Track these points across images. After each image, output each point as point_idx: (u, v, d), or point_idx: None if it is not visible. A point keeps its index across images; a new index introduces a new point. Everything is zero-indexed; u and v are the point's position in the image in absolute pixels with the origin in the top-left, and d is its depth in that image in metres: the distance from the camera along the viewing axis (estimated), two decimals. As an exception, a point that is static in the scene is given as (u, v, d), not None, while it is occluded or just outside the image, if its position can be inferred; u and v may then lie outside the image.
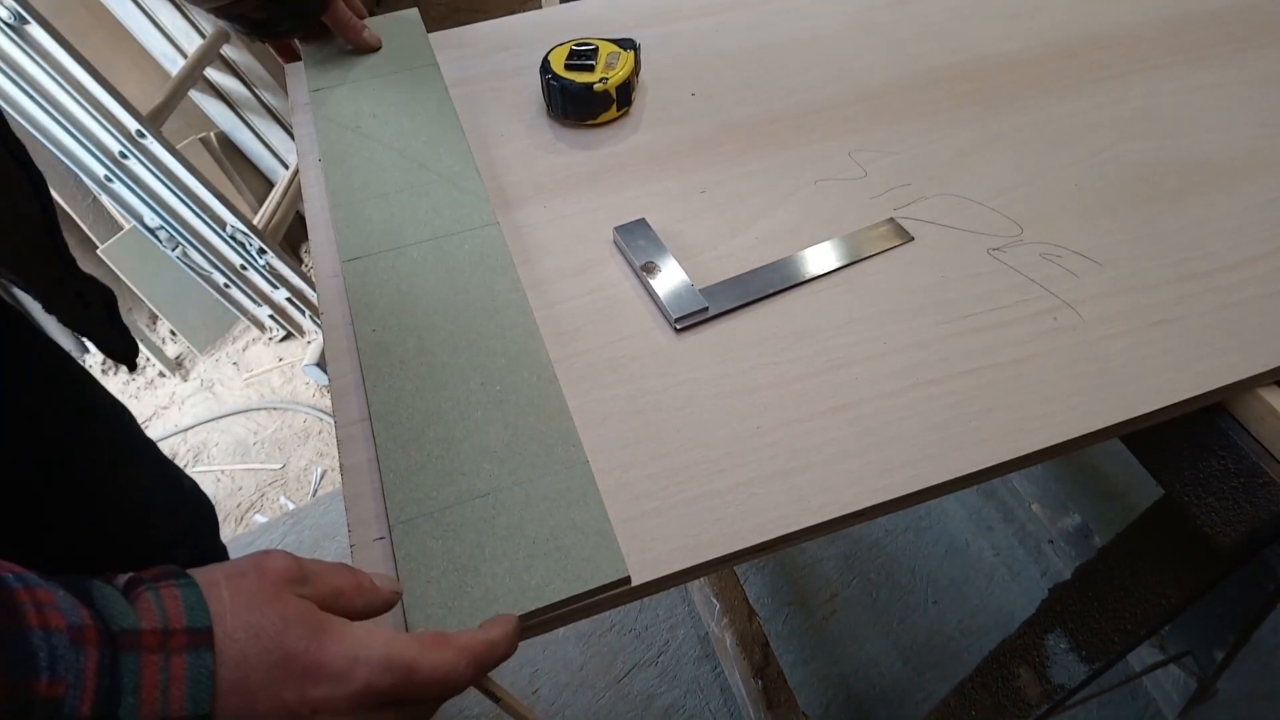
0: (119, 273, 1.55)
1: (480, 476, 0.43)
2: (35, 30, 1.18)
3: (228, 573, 0.32)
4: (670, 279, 0.53)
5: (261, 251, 1.52)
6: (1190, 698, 0.93)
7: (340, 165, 0.60)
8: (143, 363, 1.70)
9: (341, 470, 0.45)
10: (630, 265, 0.55)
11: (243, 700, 0.29)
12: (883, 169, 0.62)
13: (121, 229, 1.55)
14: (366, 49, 0.71)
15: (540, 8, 0.87)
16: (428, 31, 0.75)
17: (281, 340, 1.73)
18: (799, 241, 0.57)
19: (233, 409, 1.62)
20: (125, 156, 1.33)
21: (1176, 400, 0.47)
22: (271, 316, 1.67)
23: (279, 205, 1.60)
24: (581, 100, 0.64)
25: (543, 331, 0.51)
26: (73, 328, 0.63)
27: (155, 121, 1.34)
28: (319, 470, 1.51)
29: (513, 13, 0.80)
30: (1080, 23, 0.74)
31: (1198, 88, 0.67)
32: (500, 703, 0.38)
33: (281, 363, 1.69)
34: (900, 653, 1.18)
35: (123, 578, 0.30)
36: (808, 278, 0.54)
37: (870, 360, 0.49)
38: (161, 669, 0.28)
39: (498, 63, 0.73)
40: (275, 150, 1.74)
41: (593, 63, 0.65)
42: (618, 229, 0.57)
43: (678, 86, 0.70)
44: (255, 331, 1.73)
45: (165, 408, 1.65)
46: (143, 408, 1.65)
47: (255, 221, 1.51)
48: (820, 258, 0.55)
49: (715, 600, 1.09)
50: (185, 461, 1.55)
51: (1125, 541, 0.64)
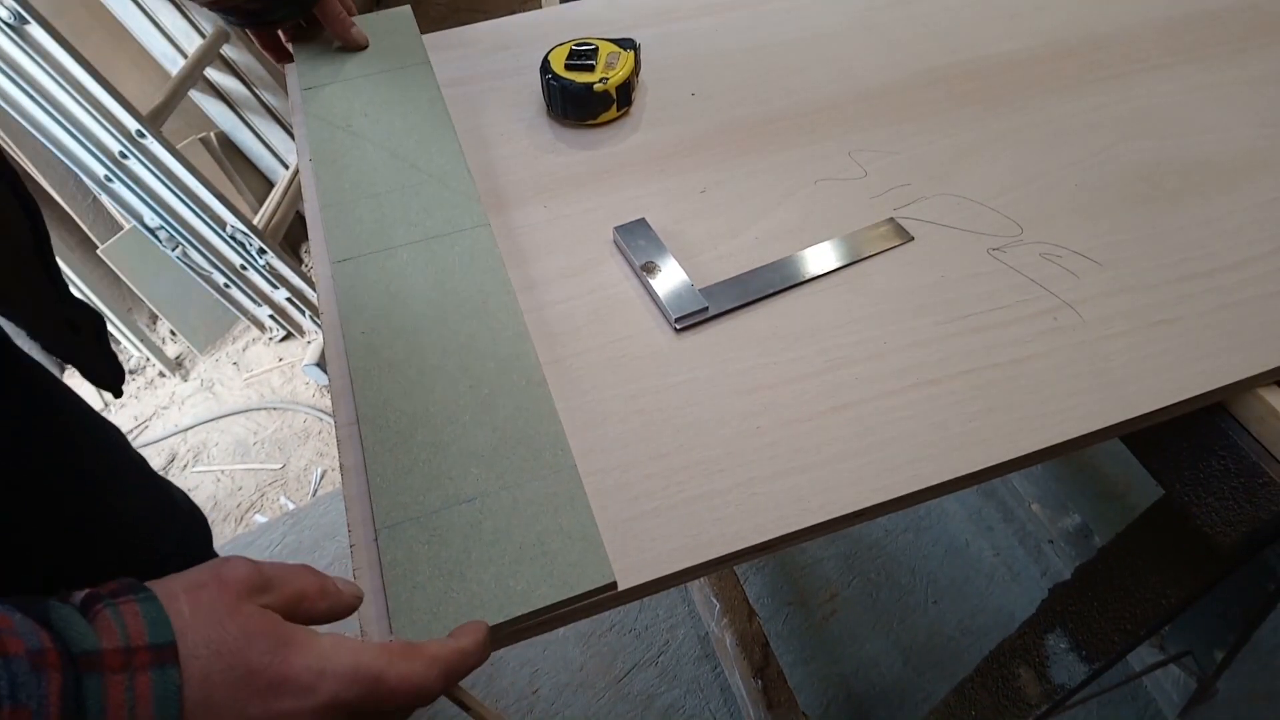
0: (119, 273, 1.55)
1: (467, 481, 0.42)
2: (35, 30, 1.19)
3: (186, 585, 0.31)
4: (670, 279, 0.53)
5: (261, 251, 1.52)
6: (1190, 698, 0.93)
7: (331, 165, 0.60)
8: (143, 363, 1.70)
9: (341, 470, 0.45)
10: (630, 265, 0.55)
11: (207, 717, 0.29)
12: (883, 169, 0.62)
13: (121, 229, 1.55)
14: (354, 46, 0.71)
15: (540, 8, 0.87)
16: (427, 31, 0.75)
17: (281, 340, 1.73)
18: (799, 241, 0.57)
19: (233, 409, 1.62)
20: (125, 156, 1.33)
21: (1176, 400, 0.47)
22: (271, 316, 1.67)
23: (279, 205, 1.60)
24: (581, 100, 0.64)
25: (542, 331, 0.52)
26: (59, 354, 0.62)
27: (155, 121, 1.34)
28: (319, 470, 1.51)
29: (513, 13, 0.80)
30: (1080, 23, 0.74)
31: (1198, 88, 0.67)
32: (470, 711, 0.38)
33: (281, 363, 1.69)
34: (900, 653, 1.17)
35: (79, 594, 0.30)
36: (808, 278, 0.54)
37: (870, 360, 0.49)
38: (127, 688, 0.27)
39: (498, 63, 0.73)
40: (275, 150, 1.74)
41: (593, 63, 0.65)
42: (618, 229, 0.57)
43: (677, 86, 0.70)
44: (255, 331, 1.73)
45: (165, 408, 1.65)
46: (143, 408, 1.65)
47: (255, 221, 1.51)
48: (820, 258, 0.55)
49: (715, 600, 1.09)
50: (185, 461, 1.55)
51: (1125, 541, 0.64)
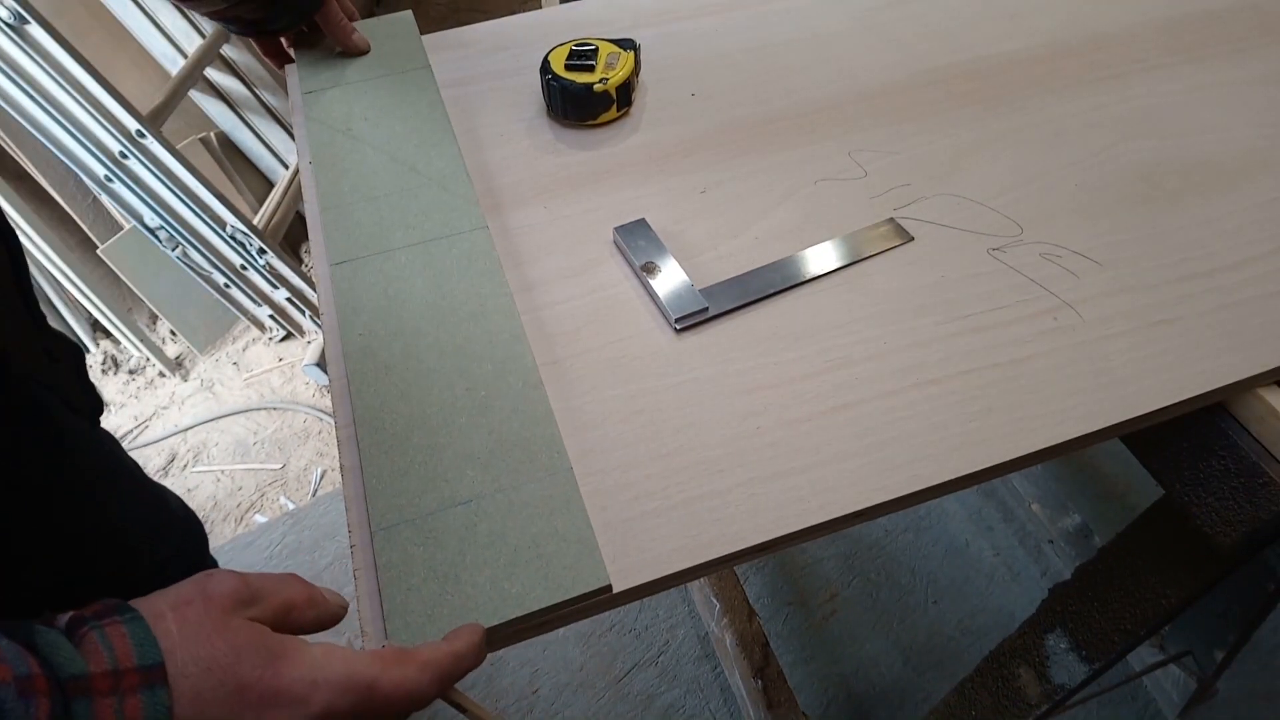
0: (119, 273, 1.55)
1: (463, 483, 0.42)
2: (35, 30, 1.19)
3: (172, 602, 0.31)
4: (670, 279, 0.53)
5: (261, 251, 1.52)
6: (1190, 698, 0.93)
7: (330, 168, 0.60)
8: (143, 362, 1.70)
9: (342, 470, 0.45)
10: (630, 265, 0.55)
11: None
12: (883, 169, 0.62)
13: (121, 229, 1.55)
14: (355, 51, 0.71)
15: (540, 8, 0.87)
16: (427, 32, 0.75)
17: (281, 340, 1.73)
18: (799, 241, 0.57)
19: (233, 409, 1.62)
20: (125, 156, 1.33)
21: (1176, 400, 0.47)
22: (271, 316, 1.67)
23: (279, 205, 1.60)
24: (581, 100, 0.64)
25: (542, 332, 0.52)
26: (38, 383, 0.61)
27: (155, 121, 1.34)
28: (319, 470, 1.51)
29: (513, 13, 0.80)
30: (1080, 23, 0.74)
31: (1198, 88, 0.67)
32: (467, 713, 0.37)
33: (281, 363, 1.69)
34: (900, 653, 1.17)
35: (64, 617, 0.30)
36: (808, 278, 0.54)
37: (870, 360, 0.49)
38: (116, 711, 0.27)
39: (498, 63, 0.73)
40: (275, 150, 1.74)
41: (593, 63, 0.65)
42: (618, 229, 0.57)
43: (678, 86, 0.70)
44: (255, 331, 1.73)
45: (165, 408, 1.65)
46: (143, 408, 1.65)
47: (255, 221, 1.51)
48: (820, 258, 0.55)
49: (715, 600, 1.09)
50: (185, 462, 1.56)
51: (1125, 541, 0.64)
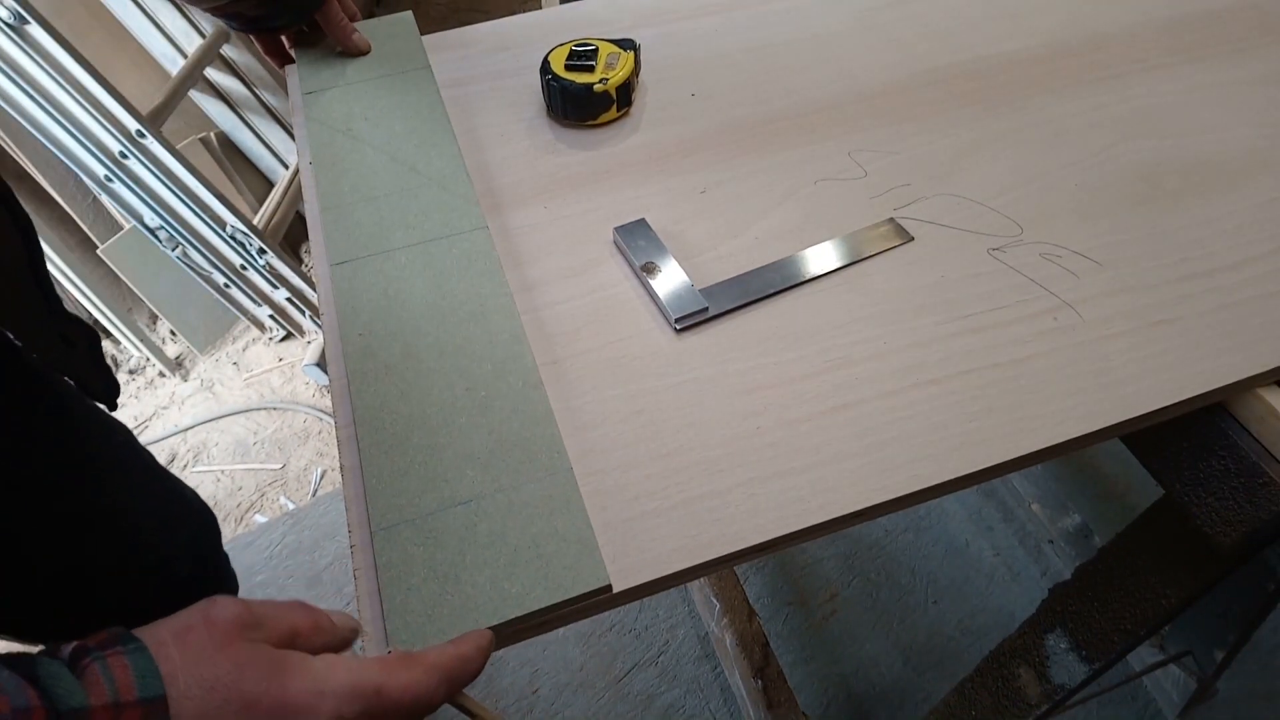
0: (119, 273, 1.55)
1: (463, 483, 0.42)
2: (35, 30, 1.19)
3: (174, 629, 0.31)
4: (670, 279, 0.53)
5: (261, 251, 1.52)
6: (1190, 698, 0.93)
7: (331, 168, 0.60)
8: (143, 362, 1.70)
9: (342, 470, 0.45)
10: (630, 265, 0.55)
11: None
12: (883, 169, 0.62)
13: (121, 229, 1.55)
14: (355, 52, 0.71)
15: (540, 8, 0.87)
16: (427, 32, 0.75)
17: (281, 340, 1.73)
18: (799, 241, 0.57)
19: (233, 409, 1.62)
20: (125, 156, 1.33)
21: (1176, 400, 0.47)
22: (271, 316, 1.67)
23: (279, 205, 1.60)
24: (581, 101, 0.64)
25: (543, 332, 0.52)
26: (55, 369, 0.62)
27: (155, 121, 1.34)
28: (319, 470, 1.51)
29: (513, 13, 0.80)
30: (1080, 23, 0.74)
31: (1198, 88, 0.67)
32: (473, 716, 0.37)
33: (281, 363, 1.69)
34: (900, 653, 1.17)
35: (67, 648, 0.30)
36: (808, 278, 0.54)
37: (870, 360, 0.49)
38: None
39: (498, 63, 0.73)
40: (275, 150, 1.74)
41: (593, 63, 0.65)
42: (618, 229, 0.57)
43: (677, 86, 0.70)
44: (255, 331, 1.73)
45: (165, 408, 1.65)
46: (143, 408, 1.65)
47: (255, 221, 1.51)
48: (820, 258, 0.55)
49: (715, 600, 1.09)
50: (185, 461, 1.55)
51: (1125, 541, 0.64)
